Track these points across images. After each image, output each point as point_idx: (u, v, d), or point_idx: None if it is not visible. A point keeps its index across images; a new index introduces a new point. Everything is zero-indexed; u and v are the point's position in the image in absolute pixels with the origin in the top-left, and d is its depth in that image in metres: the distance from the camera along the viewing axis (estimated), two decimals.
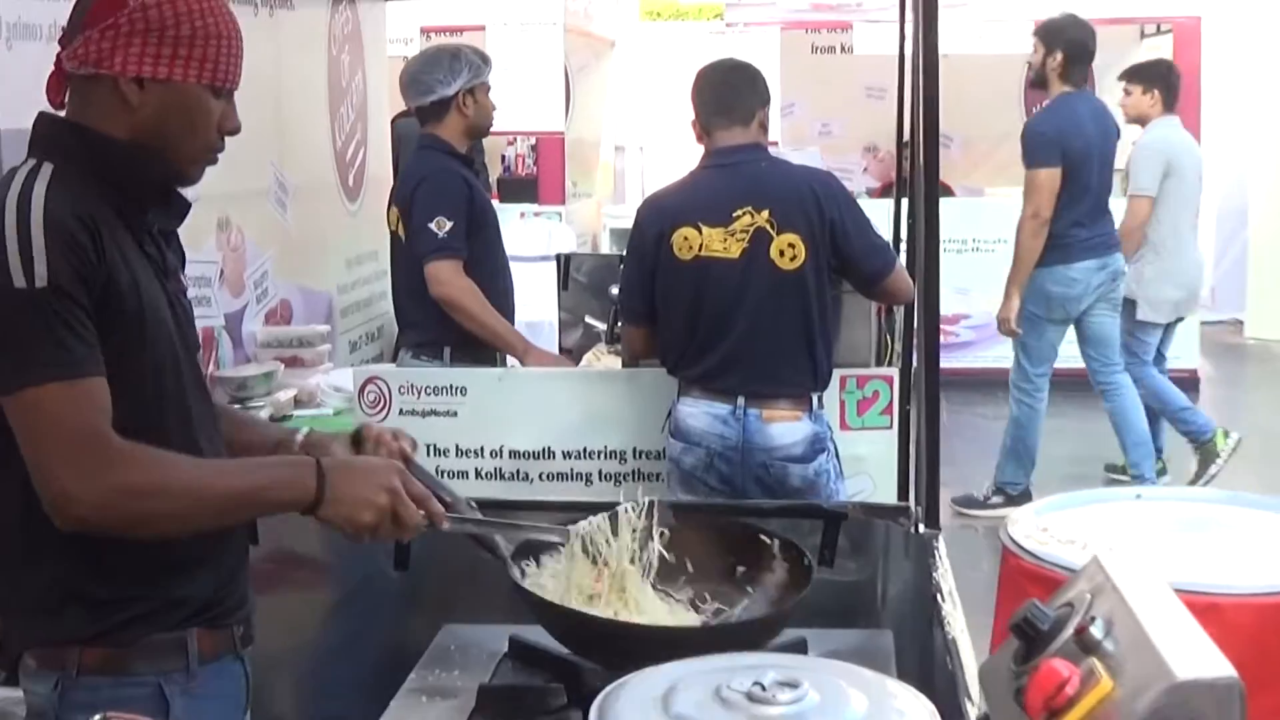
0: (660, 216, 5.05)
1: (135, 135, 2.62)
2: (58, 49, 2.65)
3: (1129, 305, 8.78)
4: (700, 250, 4.91)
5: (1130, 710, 1.76)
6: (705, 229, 4.91)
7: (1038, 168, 8.08)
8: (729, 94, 5.08)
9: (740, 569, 3.16)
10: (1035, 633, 1.90)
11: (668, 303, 5.02)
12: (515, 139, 13.91)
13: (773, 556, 3.15)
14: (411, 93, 5.95)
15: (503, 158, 14.27)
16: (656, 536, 3.03)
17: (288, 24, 7.00)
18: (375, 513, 2.61)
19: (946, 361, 3.61)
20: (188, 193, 2.78)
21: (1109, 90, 14.02)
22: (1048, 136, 8.12)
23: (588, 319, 6.90)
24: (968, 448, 9.30)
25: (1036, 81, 8.47)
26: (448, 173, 5.78)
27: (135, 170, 2.65)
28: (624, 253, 6.24)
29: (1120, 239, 8.46)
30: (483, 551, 2.92)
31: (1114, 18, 12.51)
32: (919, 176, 3.49)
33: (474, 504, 2.95)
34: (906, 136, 6.59)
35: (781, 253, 4.86)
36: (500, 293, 5.84)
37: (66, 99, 2.68)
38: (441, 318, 5.65)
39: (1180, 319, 9.10)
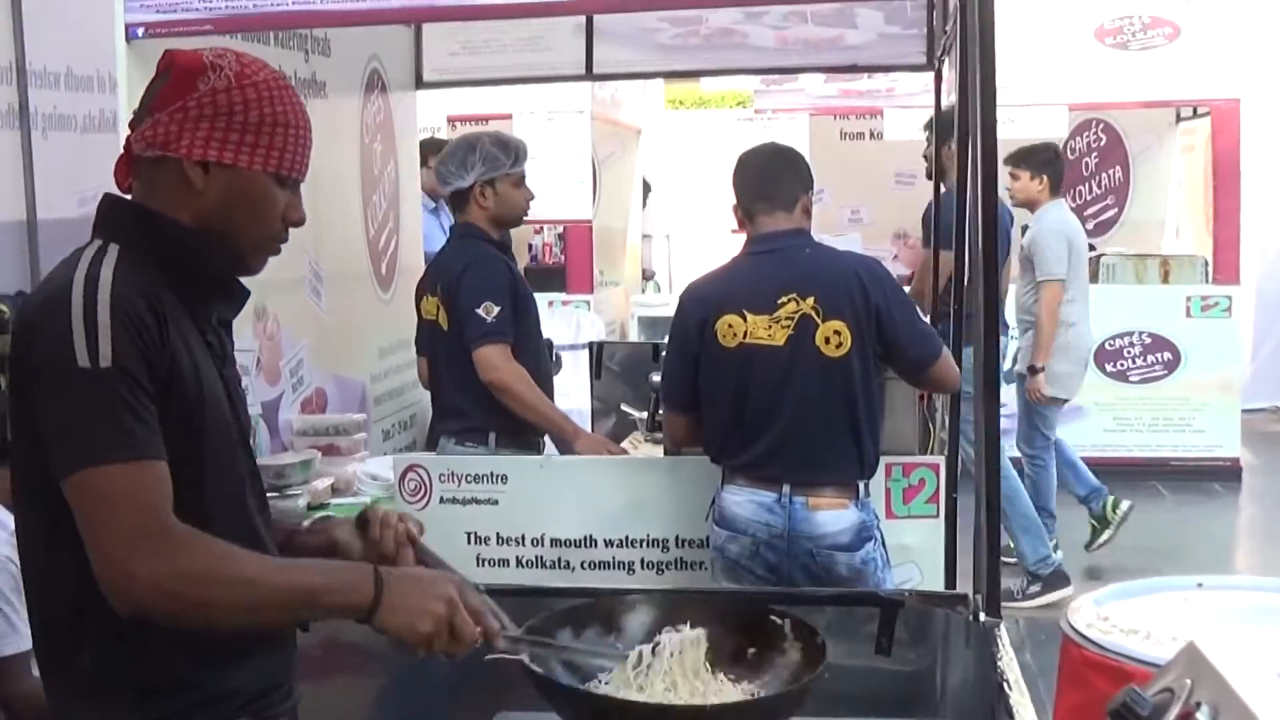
0: (703, 304, 4.99)
1: (199, 220, 2.61)
2: (127, 132, 2.65)
3: (1021, 382, 9.03)
4: (745, 338, 4.86)
5: None
6: (750, 316, 4.86)
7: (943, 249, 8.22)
8: (771, 179, 5.03)
9: (751, 650, 3.04)
10: (1135, 719, 1.83)
11: (712, 391, 4.96)
12: (542, 228, 13.93)
13: (784, 638, 3.05)
14: (437, 183, 5.98)
15: (530, 246, 14.28)
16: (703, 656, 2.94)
17: (321, 113, 6.97)
18: (433, 622, 2.53)
19: None
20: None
21: (1146, 176, 14.11)
22: (946, 222, 8.25)
23: (622, 406, 6.87)
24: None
25: (933, 172, 8.60)
26: (492, 259, 5.77)
27: (199, 256, 2.63)
28: (658, 341, 6.22)
29: (1040, 324, 8.76)
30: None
31: (1151, 101, 12.51)
32: (978, 260, 3.43)
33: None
34: None
35: (827, 340, 4.80)
36: (543, 379, 5.81)
37: (134, 184, 2.67)
38: (487, 404, 5.61)
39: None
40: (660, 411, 5.78)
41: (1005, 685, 3.00)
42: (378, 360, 7.71)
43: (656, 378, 5.79)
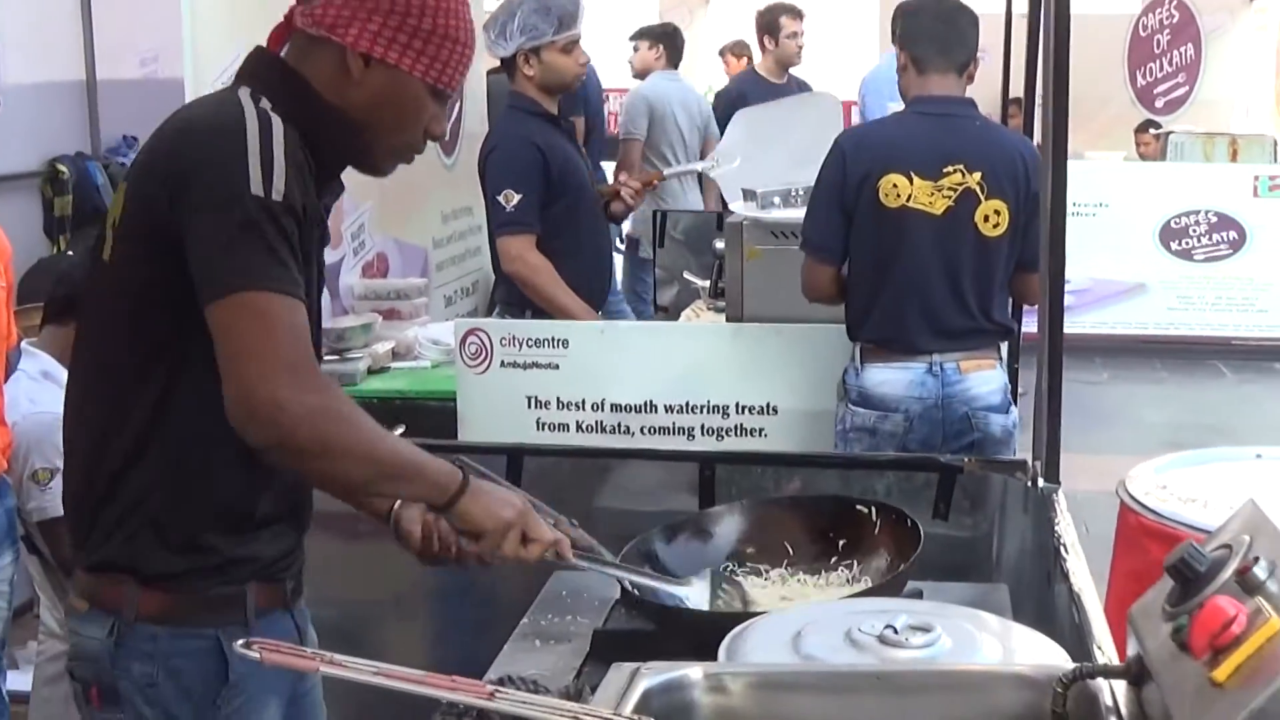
0: (870, 157, 4.77)
1: (346, 109, 2.58)
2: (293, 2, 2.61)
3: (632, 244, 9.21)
4: (908, 201, 4.69)
5: None
6: (916, 179, 4.69)
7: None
8: (953, 35, 4.81)
9: (842, 543, 3.12)
10: (1192, 574, 1.84)
11: (860, 250, 4.79)
12: (607, 96, 13.82)
13: (873, 524, 3.11)
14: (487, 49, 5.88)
15: None
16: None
17: None
18: (513, 513, 2.59)
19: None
20: None
21: (1218, 55, 13.92)
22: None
23: (685, 274, 6.85)
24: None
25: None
26: (519, 141, 5.64)
27: (341, 136, 2.59)
28: (720, 211, 6.15)
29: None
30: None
31: None
32: (1048, 140, 3.40)
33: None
34: (1012, 94, 6.55)
35: (986, 218, 4.68)
36: (590, 258, 5.80)
37: (285, 53, 2.63)
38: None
39: None
40: (722, 279, 5.74)
41: (1062, 549, 3.01)
42: (440, 226, 7.69)
43: (720, 245, 5.73)
